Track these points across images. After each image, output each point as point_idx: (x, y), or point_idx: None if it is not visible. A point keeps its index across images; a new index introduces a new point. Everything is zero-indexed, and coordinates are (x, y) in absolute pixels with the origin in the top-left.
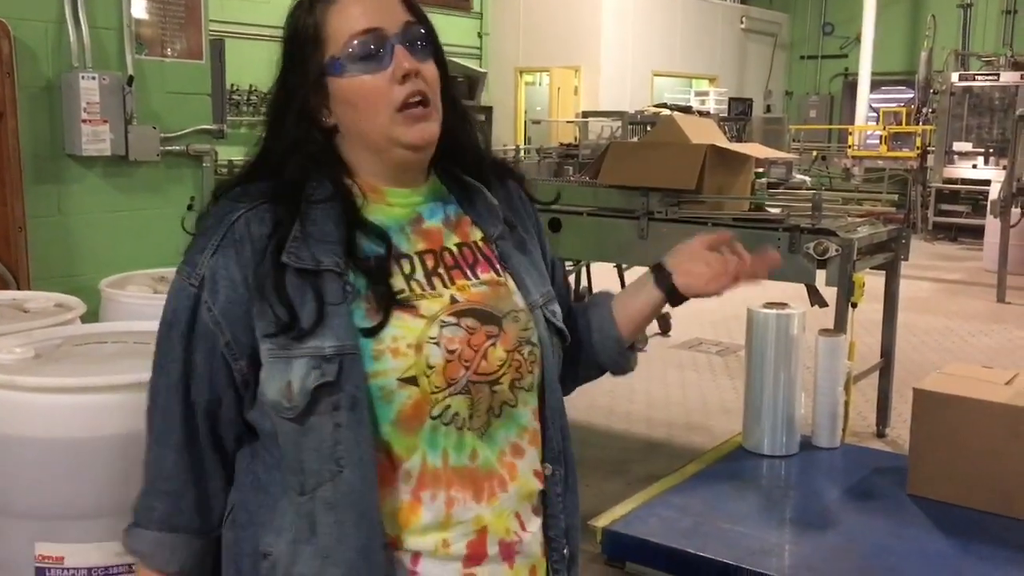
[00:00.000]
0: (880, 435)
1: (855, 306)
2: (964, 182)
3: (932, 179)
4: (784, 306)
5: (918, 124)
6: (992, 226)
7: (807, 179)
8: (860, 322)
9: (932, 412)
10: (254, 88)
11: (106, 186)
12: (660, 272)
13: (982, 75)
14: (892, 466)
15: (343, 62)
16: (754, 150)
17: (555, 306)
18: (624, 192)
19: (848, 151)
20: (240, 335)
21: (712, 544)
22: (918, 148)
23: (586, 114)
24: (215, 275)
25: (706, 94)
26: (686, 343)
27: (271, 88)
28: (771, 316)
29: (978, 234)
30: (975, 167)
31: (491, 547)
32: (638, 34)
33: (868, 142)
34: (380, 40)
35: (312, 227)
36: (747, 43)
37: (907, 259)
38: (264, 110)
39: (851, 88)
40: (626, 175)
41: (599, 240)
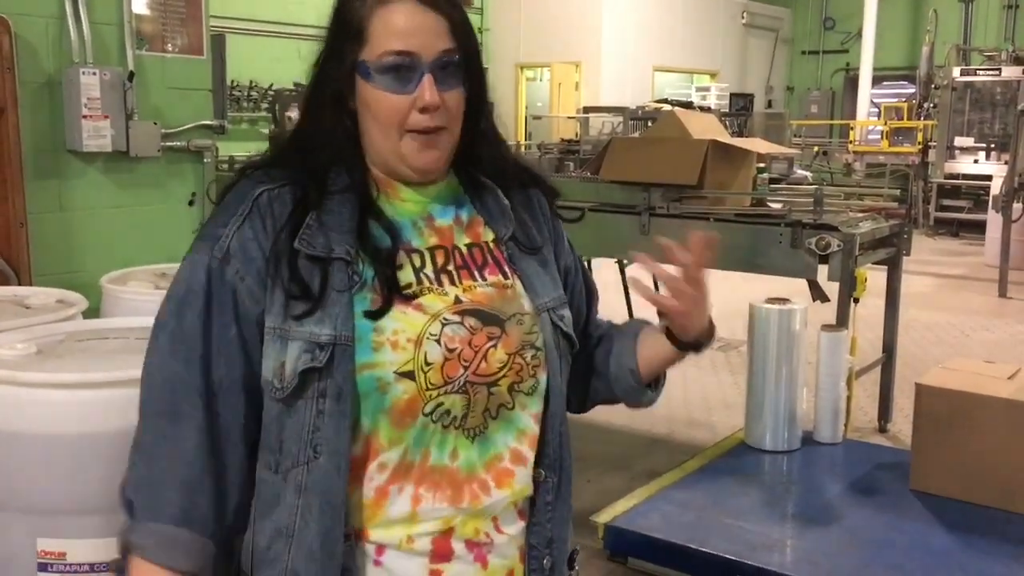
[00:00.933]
0: (882, 430)
1: (857, 301)
2: (965, 177)
3: (934, 174)
4: (786, 301)
5: (919, 119)
6: (994, 221)
7: (808, 174)
8: (862, 317)
9: (934, 407)
10: (255, 84)
11: (107, 182)
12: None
13: (983, 70)
14: (894, 461)
15: (372, 71)
16: (756, 145)
17: (565, 311)
18: (626, 187)
19: (849, 146)
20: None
21: (714, 539)
22: (919, 143)
23: (587, 110)
24: (244, 246)
25: (707, 89)
26: None
27: (310, 70)
28: (773, 311)
29: (980, 229)
30: (976, 162)
31: (456, 545)
32: (639, 29)
33: (869, 137)
34: (411, 66)
35: (327, 216)
36: (748, 38)
37: (909, 254)
38: (306, 92)
39: (852, 83)
40: (628, 171)
41: (601, 236)
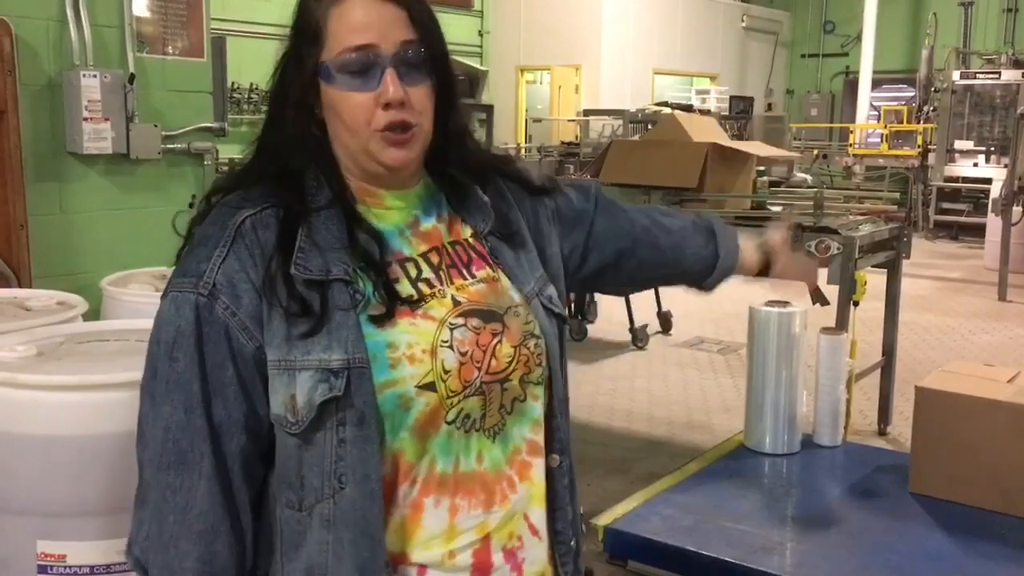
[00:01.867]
0: (881, 433)
1: (857, 304)
2: (965, 180)
3: (933, 177)
4: (786, 304)
5: (919, 122)
6: (993, 224)
7: (808, 177)
8: (861, 320)
9: (934, 410)
10: (255, 86)
11: (107, 184)
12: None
13: (983, 73)
14: (894, 464)
15: (333, 72)
16: (756, 148)
17: (550, 290)
18: (626, 190)
19: (849, 149)
20: (263, 340)
21: (714, 542)
22: (919, 146)
23: (587, 112)
24: (232, 280)
25: (707, 92)
26: (687, 341)
27: (271, 79)
28: (773, 314)
29: (979, 232)
30: (976, 165)
31: (495, 555)
32: (639, 32)
33: (869, 140)
34: (372, 60)
35: (317, 235)
36: (748, 41)
37: (908, 257)
38: (266, 103)
39: (852, 86)
40: (628, 173)
41: None
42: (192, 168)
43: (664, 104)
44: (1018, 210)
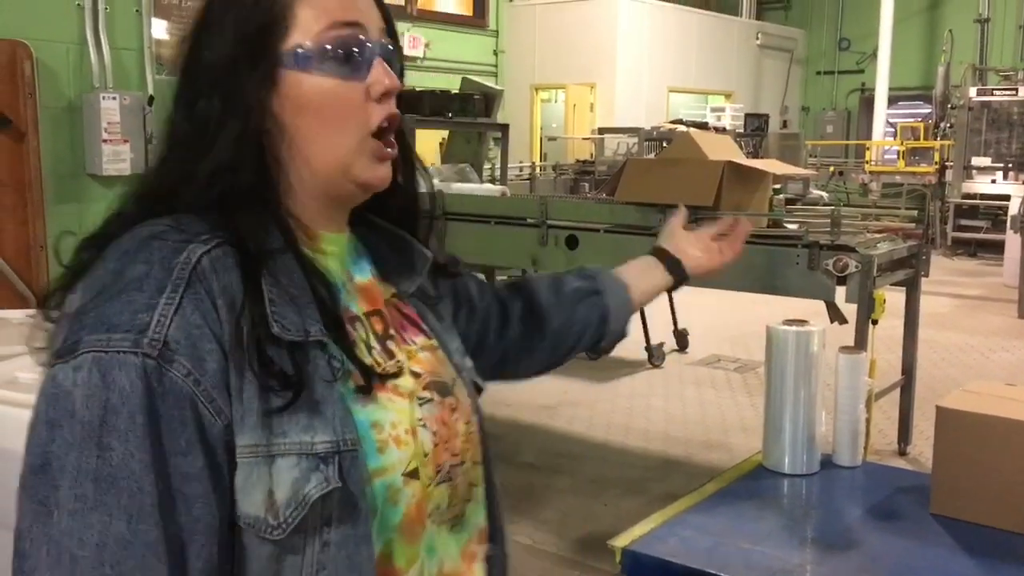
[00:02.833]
0: (902, 453)
1: (875, 323)
2: (983, 197)
3: (951, 194)
4: (804, 323)
5: (936, 139)
6: (1012, 241)
7: (824, 195)
8: (880, 339)
9: (955, 430)
10: None
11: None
12: (668, 260)
13: (1000, 90)
14: (914, 485)
15: (314, 55)
16: (772, 166)
17: (470, 362)
18: (641, 209)
19: (865, 166)
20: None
21: (733, 564)
22: (936, 163)
23: (602, 130)
24: (191, 336)
25: (722, 110)
26: (704, 360)
27: (180, 87)
28: (791, 333)
29: (998, 249)
30: (994, 182)
31: None
32: (653, 51)
33: (886, 157)
34: (361, 42)
35: (281, 285)
36: (763, 59)
37: (927, 275)
38: (177, 119)
39: (868, 103)
40: (643, 192)
41: (616, 257)
42: None
43: (679, 122)
44: None
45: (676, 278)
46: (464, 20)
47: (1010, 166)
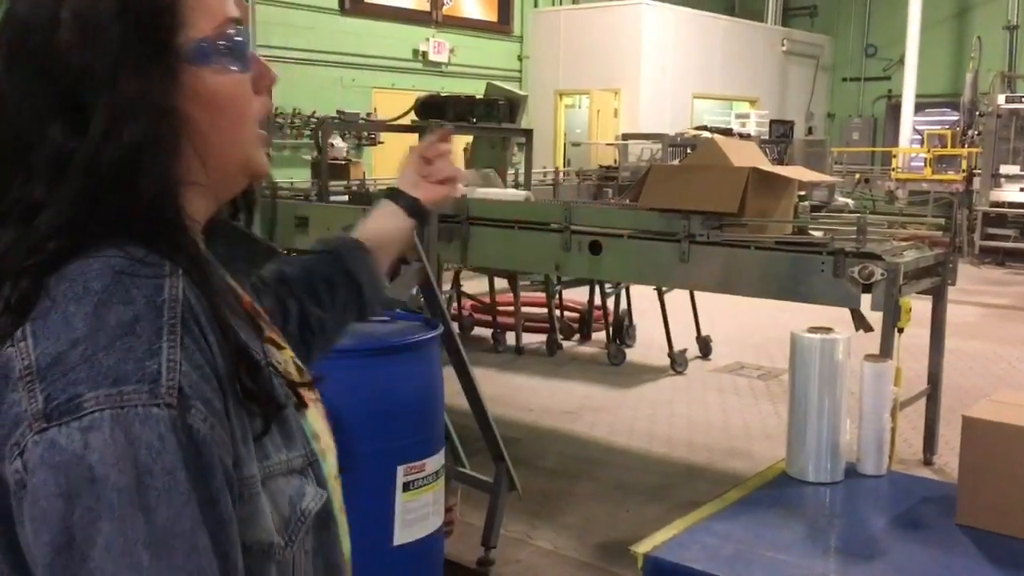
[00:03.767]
0: (927, 463)
1: (901, 331)
2: (1011, 205)
3: (978, 202)
4: (829, 331)
5: (963, 147)
6: None
7: (850, 201)
8: (906, 347)
9: (982, 440)
10: (297, 111)
11: None
12: (406, 201)
13: None
14: (940, 495)
15: (212, 50)
16: (797, 173)
17: None
18: (665, 215)
19: (892, 174)
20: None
21: (756, 573)
22: (964, 171)
23: (626, 136)
24: (199, 378)
25: (747, 116)
26: (727, 367)
27: (44, 96)
28: (816, 341)
29: None
30: (1023, 190)
31: None
32: (678, 57)
33: (912, 165)
34: (245, 34)
35: (231, 305)
36: (788, 65)
37: (954, 284)
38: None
39: (894, 110)
40: (667, 198)
41: (640, 263)
42: None
43: (703, 128)
44: None
45: (418, 220)
46: (489, 26)
47: None
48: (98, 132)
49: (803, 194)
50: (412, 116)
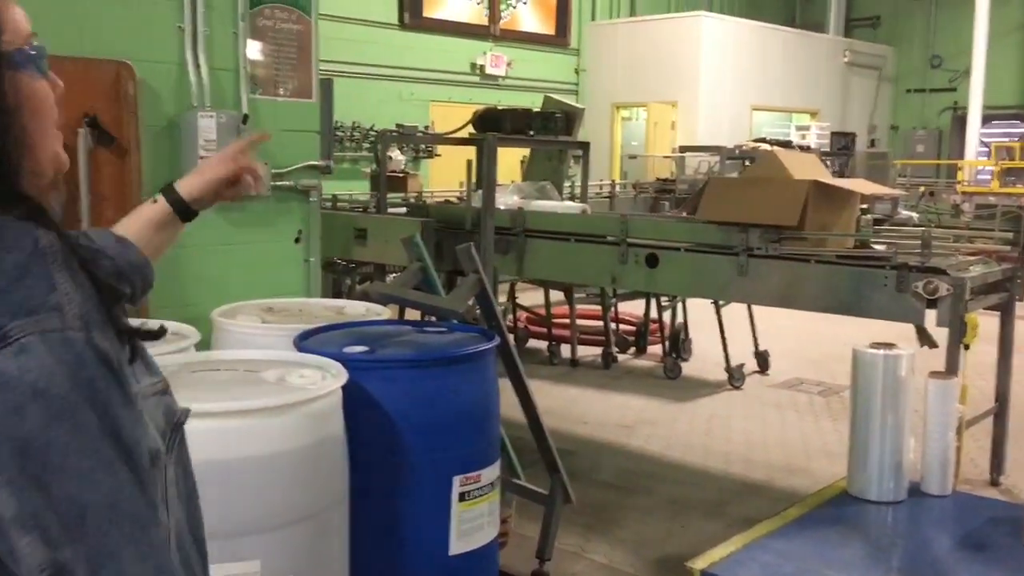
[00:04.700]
0: (994, 483)
1: (967, 348)
2: None
3: None
4: (892, 347)
5: None
6: None
7: (914, 215)
8: (972, 365)
9: None
10: (357, 125)
11: (220, 220)
12: (181, 206)
13: None
14: (1007, 516)
15: (27, 58)
16: (859, 186)
17: None
18: (723, 228)
19: (958, 187)
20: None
21: None
22: None
23: (683, 149)
24: (92, 308)
25: (807, 128)
26: (786, 383)
27: None
28: (879, 357)
29: None
30: None
31: None
32: (737, 68)
33: (979, 177)
34: (41, 49)
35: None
36: (850, 76)
37: (1022, 299)
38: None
39: (960, 122)
40: (725, 211)
41: (697, 276)
42: (299, 204)
43: (762, 140)
44: None
45: (182, 216)
46: (546, 39)
47: None
48: None
49: (865, 207)
50: (469, 129)
